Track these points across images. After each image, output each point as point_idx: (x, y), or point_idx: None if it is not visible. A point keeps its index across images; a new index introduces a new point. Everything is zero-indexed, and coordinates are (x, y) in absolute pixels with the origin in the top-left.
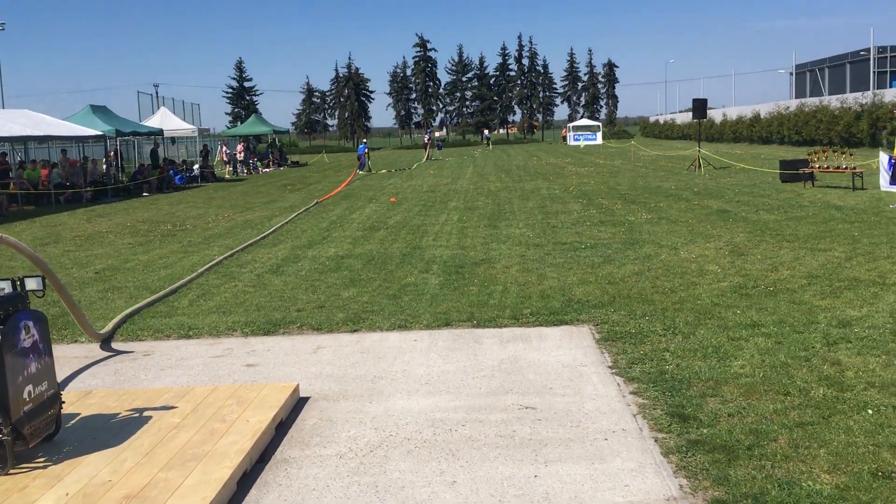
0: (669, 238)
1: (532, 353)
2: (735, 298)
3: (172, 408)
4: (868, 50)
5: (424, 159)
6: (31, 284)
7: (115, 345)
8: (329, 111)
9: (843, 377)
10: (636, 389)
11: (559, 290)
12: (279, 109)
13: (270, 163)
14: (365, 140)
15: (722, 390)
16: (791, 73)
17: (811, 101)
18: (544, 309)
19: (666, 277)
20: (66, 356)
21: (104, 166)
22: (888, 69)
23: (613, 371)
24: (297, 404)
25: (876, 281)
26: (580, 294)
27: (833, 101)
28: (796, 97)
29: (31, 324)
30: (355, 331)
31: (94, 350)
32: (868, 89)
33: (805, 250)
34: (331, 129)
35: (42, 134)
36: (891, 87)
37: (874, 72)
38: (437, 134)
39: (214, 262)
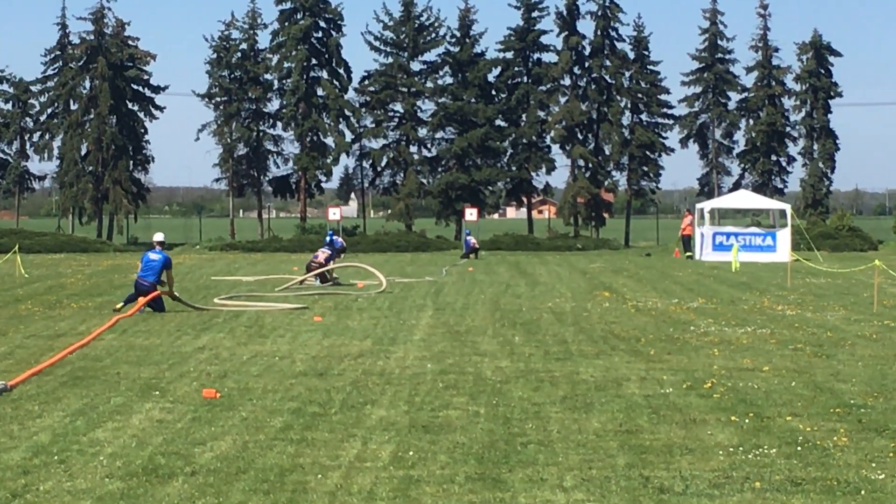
0: None
1: None
2: None
3: None
4: None
5: (317, 282)
6: None
7: None
8: (46, 134)
9: None
10: None
11: None
12: None
13: None
14: (161, 240)
15: None
16: None
17: None
18: None
19: None
20: None
21: None
22: None
23: None
24: None
25: None
26: None
27: None
28: None
29: None
30: None
31: None
32: None
33: None
34: (43, 183)
35: None
36: None
37: None
38: (332, 211)
39: None
